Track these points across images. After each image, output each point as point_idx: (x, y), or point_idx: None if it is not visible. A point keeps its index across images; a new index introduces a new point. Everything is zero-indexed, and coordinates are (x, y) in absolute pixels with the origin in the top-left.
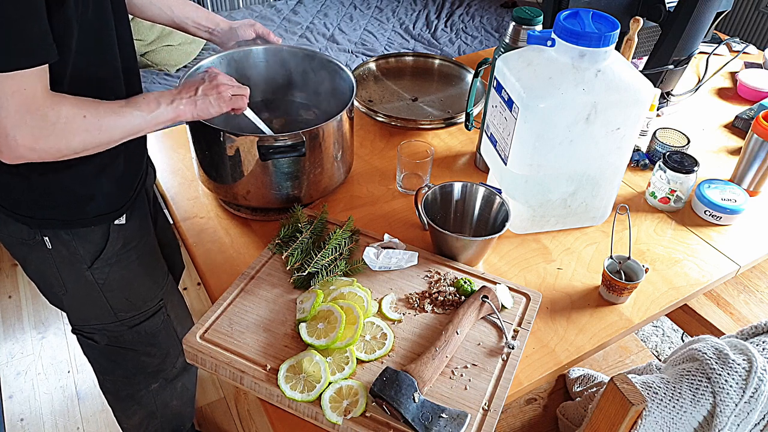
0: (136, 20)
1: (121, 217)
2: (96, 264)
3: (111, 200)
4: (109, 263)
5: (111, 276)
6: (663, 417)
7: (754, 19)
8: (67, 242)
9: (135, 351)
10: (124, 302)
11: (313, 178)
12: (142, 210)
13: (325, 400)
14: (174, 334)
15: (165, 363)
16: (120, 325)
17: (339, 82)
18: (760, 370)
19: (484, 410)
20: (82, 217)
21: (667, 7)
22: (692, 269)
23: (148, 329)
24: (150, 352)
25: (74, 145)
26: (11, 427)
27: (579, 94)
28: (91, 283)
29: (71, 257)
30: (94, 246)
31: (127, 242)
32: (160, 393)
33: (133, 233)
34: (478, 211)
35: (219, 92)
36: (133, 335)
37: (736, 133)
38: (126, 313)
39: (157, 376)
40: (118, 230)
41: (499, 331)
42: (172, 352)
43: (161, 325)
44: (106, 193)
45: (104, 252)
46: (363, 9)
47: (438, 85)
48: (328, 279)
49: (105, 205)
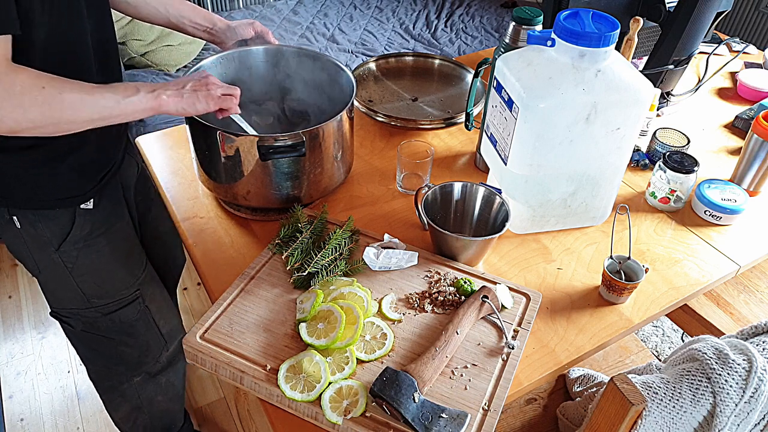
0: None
1: (88, 202)
2: (63, 247)
3: (73, 185)
4: (77, 247)
5: (80, 260)
6: (663, 417)
7: (754, 19)
8: (33, 223)
9: (111, 339)
10: (95, 288)
11: (313, 178)
12: (113, 198)
13: (325, 400)
14: (154, 328)
15: (146, 356)
16: (94, 311)
17: (339, 82)
18: (760, 370)
19: (484, 410)
20: (43, 198)
21: (667, 7)
22: (692, 269)
23: (124, 318)
24: (128, 342)
25: (32, 116)
26: (11, 427)
27: (579, 94)
28: (60, 265)
29: (39, 238)
30: (60, 229)
31: (95, 228)
32: (143, 387)
33: (102, 219)
34: (478, 211)
35: (209, 90)
36: (107, 323)
37: (736, 133)
38: (99, 299)
39: (139, 369)
40: (84, 215)
41: (499, 331)
42: (154, 346)
43: (138, 316)
44: (68, 178)
45: (71, 235)
46: (363, 9)
47: (438, 85)
48: (328, 279)
49: (66, 189)
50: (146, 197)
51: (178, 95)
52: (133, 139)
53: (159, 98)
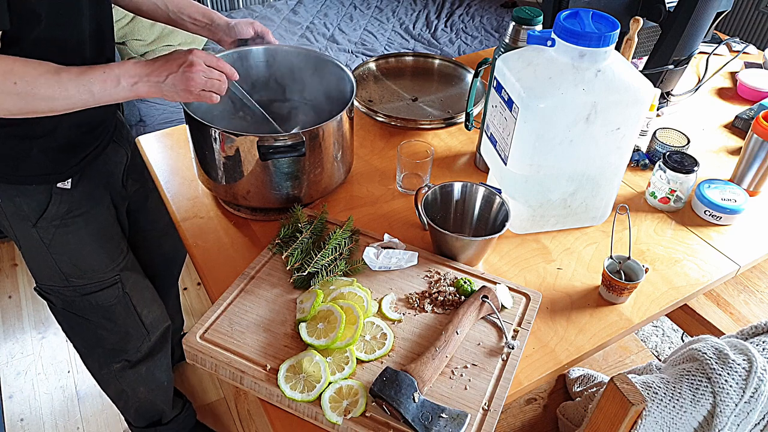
0: (136, 20)
1: (65, 181)
2: (40, 223)
3: (48, 163)
4: (54, 224)
5: (56, 238)
6: (663, 417)
7: (754, 19)
8: (12, 197)
9: (89, 321)
10: (72, 267)
11: (313, 178)
12: (95, 181)
13: (325, 400)
14: (135, 316)
15: (126, 343)
16: (72, 291)
17: (339, 82)
18: (760, 370)
19: (484, 410)
20: (20, 174)
21: (667, 7)
22: (692, 269)
23: (101, 301)
24: (105, 326)
25: (7, 107)
26: (11, 427)
27: (579, 94)
28: (38, 241)
29: (18, 212)
30: (38, 204)
31: (73, 208)
32: (123, 375)
33: (80, 200)
34: (478, 211)
35: (188, 87)
36: (85, 303)
37: (736, 133)
38: (77, 279)
39: (118, 356)
40: (61, 193)
41: (499, 331)
42: (134, 334)
43: (116, 301)
44: (44, 157)
45: (47, 212)
46: (363, 9)
47: (438, 85)
48: (328, 279)
49: (41, 166)
50: (143, 186)
51: (156, 87)
52: (133, 139)
53: (138, 91)
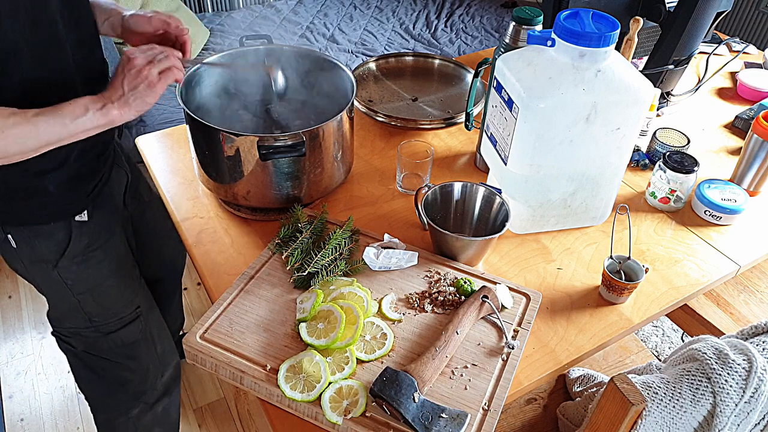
0: None
1: (82, 213)
2: (61, 263)
3: (65, 197)
4: (75, 262)
5: (79, 276)
6: (663, 417)
7: (754, 19)
8: (29, 239)
9: (112, 362)
10: (95, 306)
11: (313, 178)
12: (107, 209)
13: (325, 400)
14: (154, 351)
15: (145, 382)
16: (95, 330)
17: (339, 82)
18: (760, 370)
19: (484, 410)
20: (37, 213)
21: (667, 7)
22: (692, 269)
23: (125, 338)
24: (129, 366)
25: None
26: (11, 427)
27: (579, 94)
28: (60, 283)
29: (36, 256)
30: (57, 244)
31: (92, 241)
32: (140, 419)
33: (98, 231)
34: (478, 211)
35: (144, 78)
36: (109, 343)
37: (736, 133)
38: (100, 318)
39: (138, 399)
40: (80, 227)
41: (499, 331)
42: (152, 370)
43: (139, 336)
44: (59, 191)
45: (68, 250)
46: (363, 9)
47: (438, 85)
48: (328, 279)
49: (59, 202)
50: (139, 202)
51: (125, 104)
52: (133, 139)
53: (109, 114)
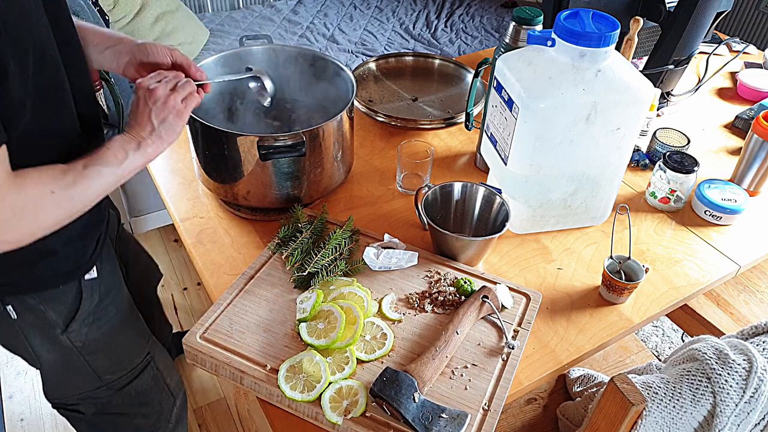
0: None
1: (92, 270)
2: (72, 326)
3: (73, 256)
4: (87, 323)
5: (90, 336)
6: (663, 417)
7: (754, 19)
8: (33, 307)
9: (126, 415)
10: (108, 363)
11: (313, 178)
12: (110, 259)
13: (325, 400)
14: (165, 388)
15: (160, 420)
16: (107, 389)
17: (339, 82)
18: (760, 370)
19: (484, 410)
20: (46, 276)
21: (667, 7)
22: (692, 269)
23: (139, 388)
24: (143, 413)
25: (48, 224)
26: (11, 427)
27: (579, 94)
28: (69, 348)
29: (41, 324)
30: (67, 307)
31: (103, 297)
32: None
33: (108, 285)
34: (478, 211)
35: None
36: (122, 398)
37: (736, 133)
38: (112, 375)
39: None
40: (91, 285)
41: (499, 331)
42: (165, 408)
43: (152, 382)
44: (67, 250)
45: (79, 312)
46: (363, 9)
47: (438, 85)
48: (328, 279)
49: (70, 260)
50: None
51: (158, 138)
52: None
53: (146, 152)
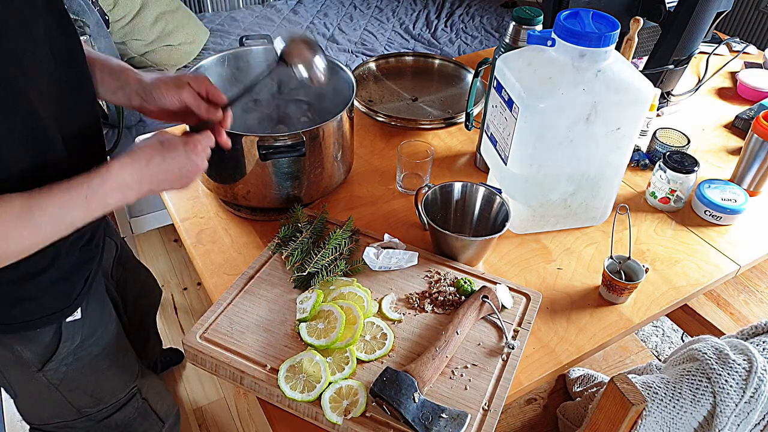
0: (136, 20)
1: (75, 312)
2: (48, 366)
3: (55, 300)
4: (66, 363)
5: (69, 375)
6: (663, 417)
7: (754, 19)
8: (8, 346)
9: None
10: (87, 399)
11: (313, 178)
12: (100, 296)
13: (325, 400)
14: (154, 416)
15: None
16: (86, 420)
17: (339, 82)
18: (760, 370)
19: (484, 410)
20: (22, 319)
21: (667, 7)
22: (692, 269)
23: (120, 421)
24: None
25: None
26: (11, 427)
27: (579, 94)
28: (43, 384)
29: (16, 360)
30: (43, 348)
31: (86, 338)
32: None
33: (94, 326)
34: (478, 211)
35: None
36: (102, 429)
37: (736, 133)
38: (92, 408)
39: None
40: (72, 327)
41: (499, 331)
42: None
43: (135, 414)
44: (49, 294)
45: (57, 353)
46: (363, 9)
47: (438, 85)
48: (328, 279)
49: (46, 306)
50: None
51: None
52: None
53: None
